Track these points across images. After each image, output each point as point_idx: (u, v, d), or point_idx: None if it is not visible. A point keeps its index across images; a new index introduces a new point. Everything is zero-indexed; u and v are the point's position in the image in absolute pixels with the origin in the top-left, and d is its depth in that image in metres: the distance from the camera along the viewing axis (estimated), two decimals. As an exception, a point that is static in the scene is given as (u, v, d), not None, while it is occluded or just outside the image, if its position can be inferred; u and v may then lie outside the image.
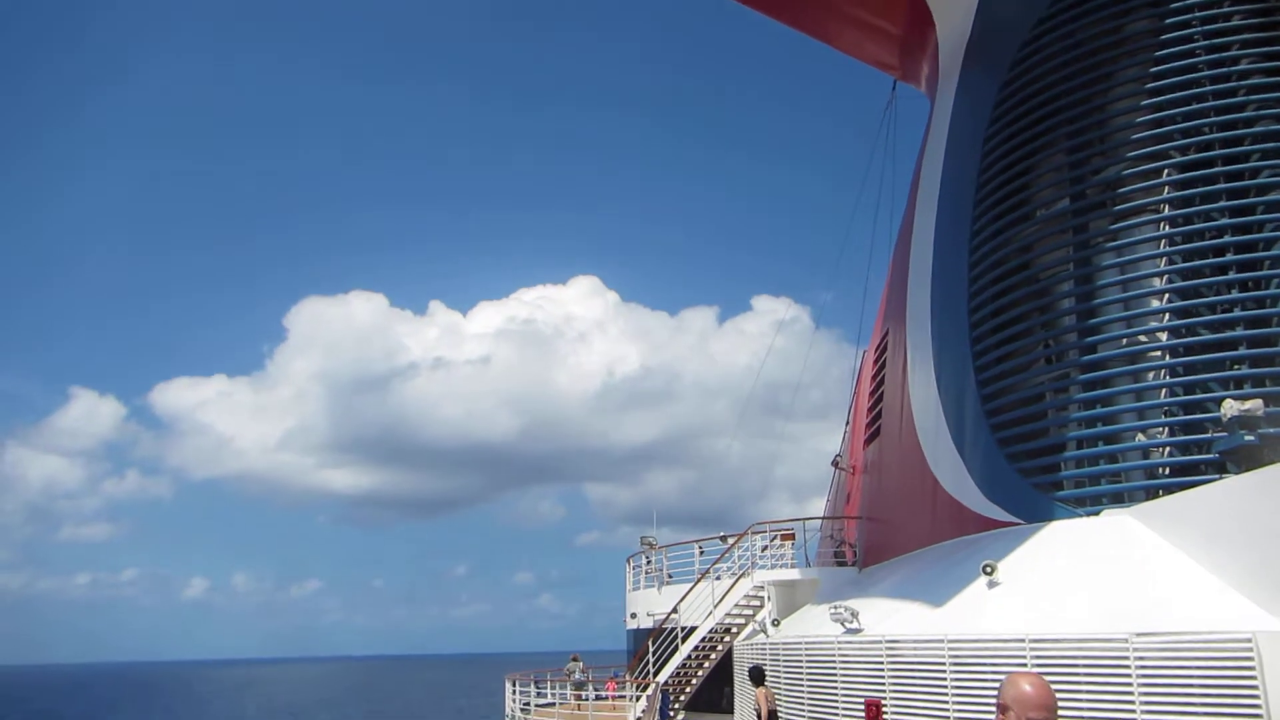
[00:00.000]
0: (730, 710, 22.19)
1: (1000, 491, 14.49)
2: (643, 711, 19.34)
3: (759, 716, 14.62)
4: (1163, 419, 13.31)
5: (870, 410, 22.14)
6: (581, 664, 26.88)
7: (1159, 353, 13.53)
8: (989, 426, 14.96)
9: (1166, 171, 14.15)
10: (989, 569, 12.56)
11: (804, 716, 14.76)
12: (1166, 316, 13.61)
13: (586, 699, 23.49)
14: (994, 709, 3.74)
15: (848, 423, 28.40)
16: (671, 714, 18.72)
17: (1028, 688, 3.57)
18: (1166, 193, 14.06)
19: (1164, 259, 13.86)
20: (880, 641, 12.93)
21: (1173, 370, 13.33)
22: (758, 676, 15.32)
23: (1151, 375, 13.56)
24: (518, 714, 22.61)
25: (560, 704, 23.94)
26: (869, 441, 21.92)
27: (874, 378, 22.32)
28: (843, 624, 14.34)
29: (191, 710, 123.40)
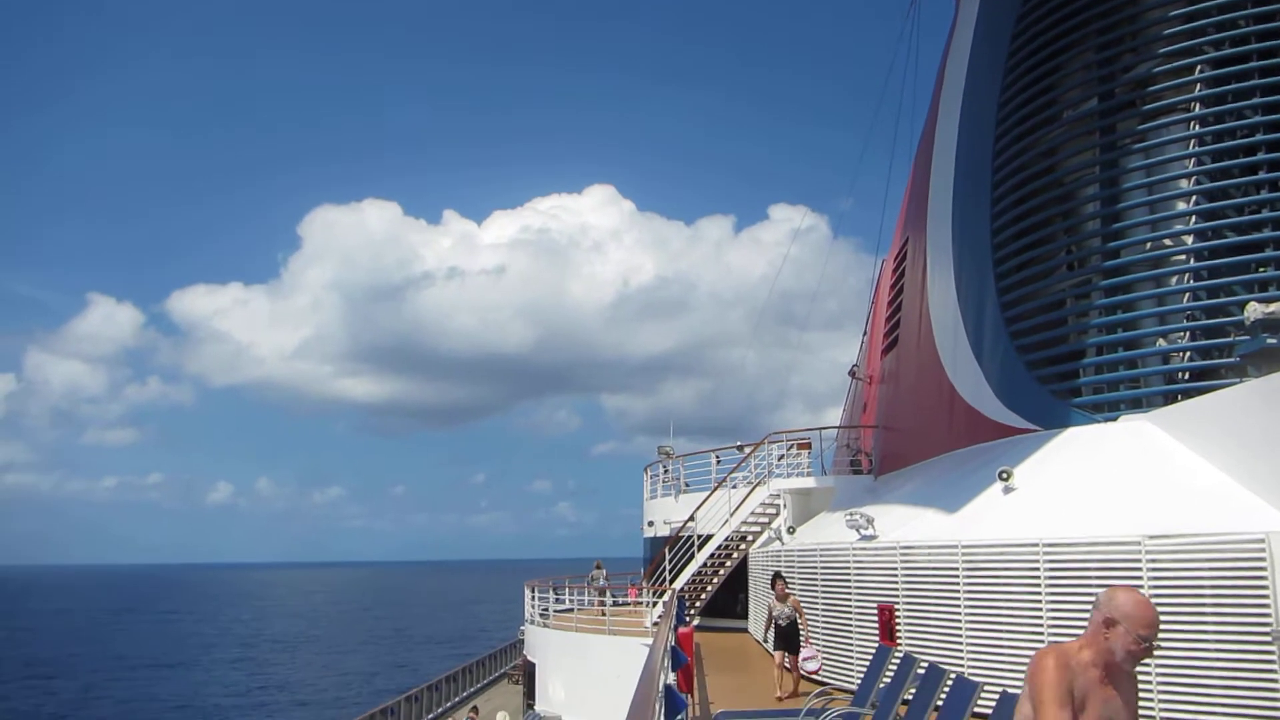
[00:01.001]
0: (745, 616, 22.61)
1: (1018, 399, 14.40)
2: (659, 616, 19.66)
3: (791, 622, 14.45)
4: (1184, 323, 13.13)
5: (888, 319, 21.97)
6: (605, 571, 27.48)
7: (1183, 256, 13.25)
8: (1008, 334, 14.80)
9: (1199, 68, 13.64)
10: (1005, 475, 12.54)
11: (818, 621, 14.97)
12: (1193, 219, 13.28)
13: (608, 604, 23.95)
14: (1088, 618, 3.36)
15: (865, 332, 28.27)
16: (687, 619, 19.04)
17: (1137, 605, 3.30)
18: (1198, 90, 13.58)
19: (1192, 159, 13.45)
20: (895, 547, 13.01)
21: (1196, 274, 13.08)
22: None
23: (1175, 279, 13.31)
24: (537, 619, 23.09)
25: (579, 610, 24.42)
26: (886, 351, 21.81)
27: (892, 286, 22.09)
28: (858, 530, 14.42)
29: (217, 611, 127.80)
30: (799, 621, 14.43)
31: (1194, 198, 13.33)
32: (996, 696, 6.08)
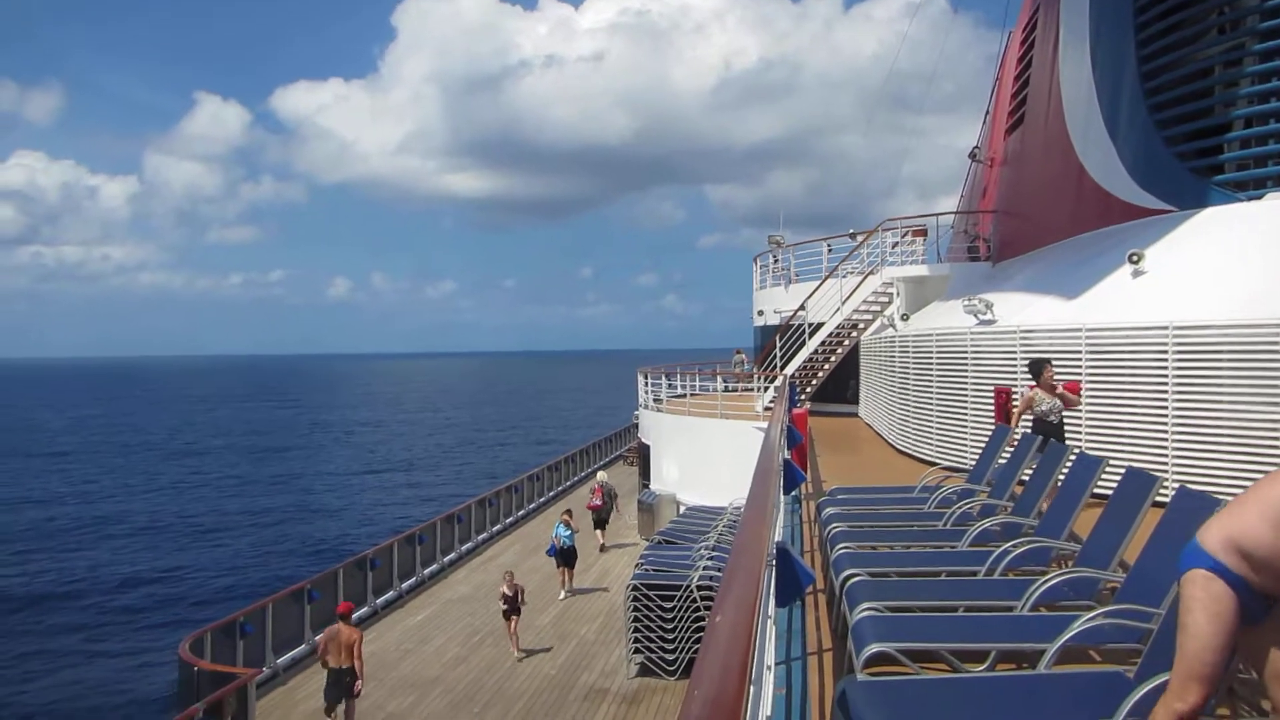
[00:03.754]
0: (855, 401, 22.97)
1: (1153, 177, 13.70)
2: (771, 401, 20.15)
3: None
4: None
5: (1014, 96, 20.80)
6: (745, 356, 28.19)
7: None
8: (1146, 107, 13.90)
9: None
10: (1135, 258, 12.13)
11: (931, 407, 15.13)
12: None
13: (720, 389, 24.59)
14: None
15: (988, 111, 26.86)
16: (799, 402, 19.42)
17: None
18: None
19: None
20: (1014, 332, 12.88)
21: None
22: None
23: (1341, 42, 12.19)
24: (651, 404, 23.90)
25: (691, 395, 25.13)
26: (1010, 130, 20.78)
27: (1020, 60, 20.77)
28: (976, 315, 14.28)
29: (331, 399, 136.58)
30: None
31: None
32: (1120, 474, 6.14)
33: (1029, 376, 10.56)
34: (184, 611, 25.92)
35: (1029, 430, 10.01)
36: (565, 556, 17.76)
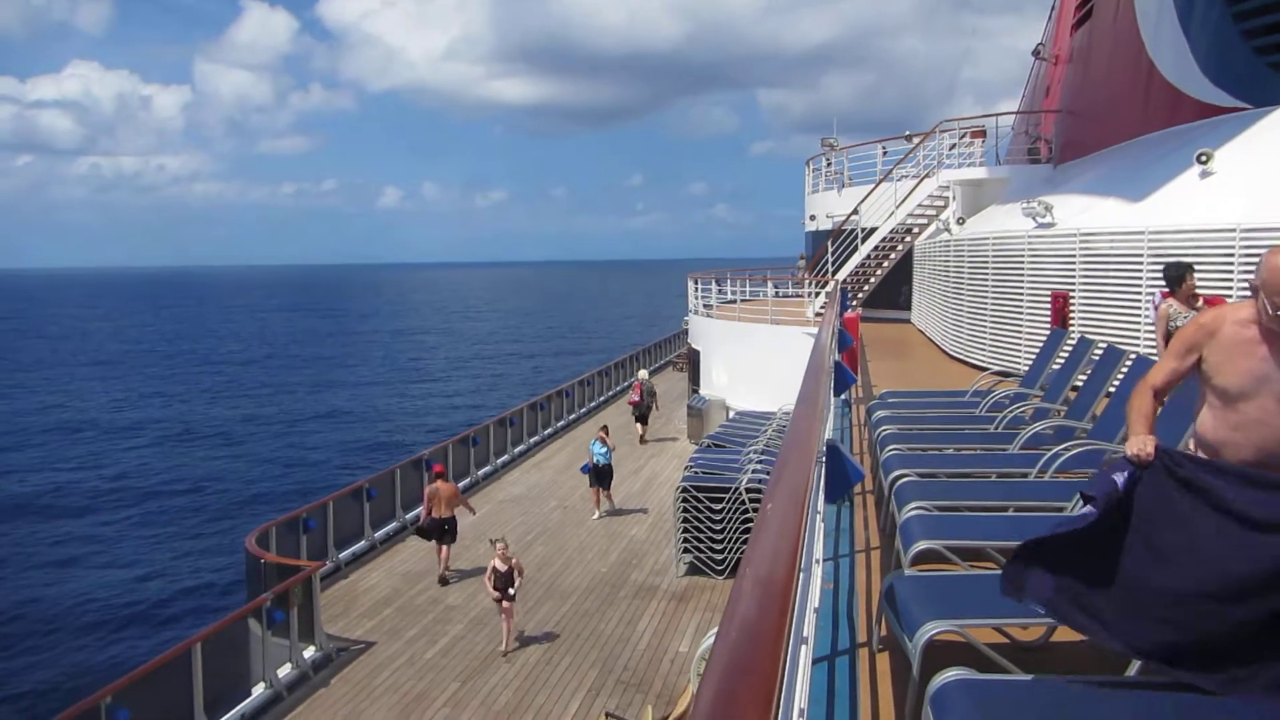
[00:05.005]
0: (907, 307, 22.73)
1: (1228, 73, 13.10)
2: (822, 307, 19.99)
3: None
4: None
5: (1082, -11, 19.91)
6: (805, 261, 28.13)
7: None
8: (1225, -2, 13.22)
9: None
10: (1204, 158, 11.71)
11: (986, 312, 14.93)
12: None
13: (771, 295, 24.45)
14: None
15: (1054, 7, 25.77)
16: (850, 307, 19.25)
17: (1272, 271, 2.92)
18: None
19: None
20: (1074, 235, 12.59)
21: None
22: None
23: None
24: (701, 310, 23.86)
25: (742, 301, 25.02)
26: (1077, 26, 19.94)
27: (1090, -50, 19.81)
28: (1034, 218, 13.96)
29: (388, 307, 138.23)
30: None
31: None
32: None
33: (1163, 284, 8.47)
34: (208, 523, 26.60)
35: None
36: (600, 476, 16.88)
